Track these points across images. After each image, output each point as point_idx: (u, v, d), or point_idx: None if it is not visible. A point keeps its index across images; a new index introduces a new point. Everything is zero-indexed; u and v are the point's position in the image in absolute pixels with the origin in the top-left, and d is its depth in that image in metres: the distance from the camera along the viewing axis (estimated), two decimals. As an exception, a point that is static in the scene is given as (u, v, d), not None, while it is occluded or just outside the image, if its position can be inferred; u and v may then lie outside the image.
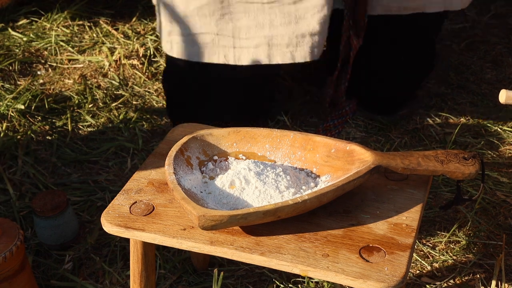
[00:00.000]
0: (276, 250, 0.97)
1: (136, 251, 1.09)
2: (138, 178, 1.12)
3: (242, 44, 1.55)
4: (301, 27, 1.53)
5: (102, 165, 1.70)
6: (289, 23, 1.53)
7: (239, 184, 1.05)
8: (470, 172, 1.07)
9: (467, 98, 1.97)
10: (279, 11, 1.51)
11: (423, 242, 1.47)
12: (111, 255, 1.44)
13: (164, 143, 1.21)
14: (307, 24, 1.53)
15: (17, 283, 1.23)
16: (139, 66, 2.11)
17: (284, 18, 1.52)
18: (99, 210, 1.56)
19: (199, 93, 1.66)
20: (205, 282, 1.38)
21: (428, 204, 1.57)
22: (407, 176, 1.12)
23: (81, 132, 1.81)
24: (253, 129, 1.15)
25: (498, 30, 2.34)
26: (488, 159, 1.71)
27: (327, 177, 1.09)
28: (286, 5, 1.51)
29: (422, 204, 1.06)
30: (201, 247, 0.99)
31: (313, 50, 1.58)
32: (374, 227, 1.01)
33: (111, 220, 1.03)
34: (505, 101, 1.06)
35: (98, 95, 1.96)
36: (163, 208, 1.05)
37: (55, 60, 2.14)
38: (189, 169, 1.09)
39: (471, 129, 1.83)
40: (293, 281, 1.38)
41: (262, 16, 1.52)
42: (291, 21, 1.53)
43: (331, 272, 0.94)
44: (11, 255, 1.19)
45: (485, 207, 1.56)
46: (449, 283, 1.38)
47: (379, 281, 0.92)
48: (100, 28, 2.32)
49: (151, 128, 1.83)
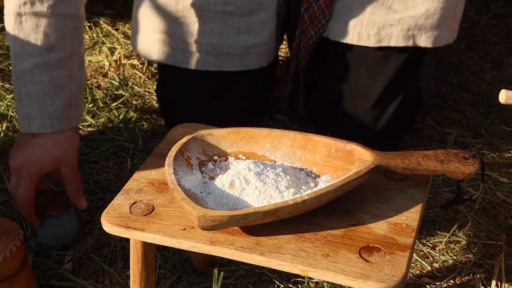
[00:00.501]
0: (276, 250, 0.97)
1: (136, 251, 1.09)
2: (138, 178, 1.12)
3: (192, 48, 1.57)
4: (249, 38, 1.55)
5: (102, 165, 1.70)
6: (238, 33, 1.54)
7: (239, 184, 1.05)
8: (470, 171, 1.07)
9: (467, 98, 1.97)
10: (230, 21, 1.53)
11: (423, 242, 1.47)
12: (111, 255, 1.44)
13: (164, 143, 1.21)
14: (255, 36, 1.55)
15: (17, 283, 1.23)
16: (139, 66, 2.11)
17: (234, 28, 1.53)
18: (99, 210, 1.56)
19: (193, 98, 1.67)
20: (205, 282, 1.38)
21: (428, 204, 1.57)
22: (407, 176, 1.12)
23: (81, 132, 1.81)
24: (253, 129, 1.15)
25: (498, 30, 2.34)
26: (488, 159, 1.71)
27: (327, 177, 1.09)
28: (238, 16, 1.52)
29: (422, 204, 1.06)
30: (201, 247, 0.99)
31: (261, 59, 1.61)
32: (374, 227, 1.01)
33: (111, 220, 1.03)
34: (505, 101, 1.06)
35: (98, 95, 1.96)
36: (163, 208, 1.05)
37: (55, 60, 2.14)
38: (189, 169, 1.09)
39: (471, 129, 1.83)
40: (293, 281, 1.38)
41: (213, 24, 1.54)
42: (241, 32, 1.54)
43: (331, 272, 0.94)
44: (11, 255, 1.19)
45: (485, 207, 1.56)
46: (449, 283, 1.38)
47: (379, 281, 0.92)
48: (100, 28, 2.32)
49: (151, 128, 1.83)
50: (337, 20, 1.54)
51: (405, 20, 1.50)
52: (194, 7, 1.54)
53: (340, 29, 1.54)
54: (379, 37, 1.52)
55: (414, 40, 1.53)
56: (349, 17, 1.53)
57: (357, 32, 1.52)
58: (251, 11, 1.54)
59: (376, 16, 1.50)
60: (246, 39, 1.57)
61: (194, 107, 1.66)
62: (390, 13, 1.50)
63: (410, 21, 1.50)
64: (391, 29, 1.50)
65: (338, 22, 1.54)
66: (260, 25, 1.56)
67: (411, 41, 1.53)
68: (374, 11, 1.50)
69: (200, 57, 1.58)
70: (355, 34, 1.53)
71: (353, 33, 1.53)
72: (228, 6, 1.53)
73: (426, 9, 1.49)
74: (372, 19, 1.50)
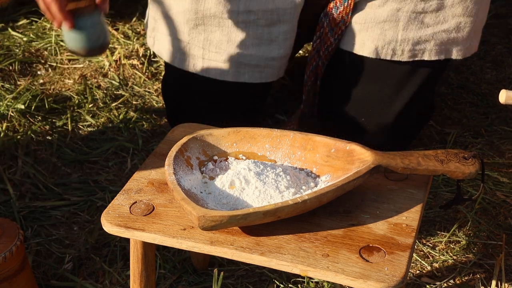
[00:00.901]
0: (276, 250, 0.97)
1: (136, 251, 1.09)
2: (138, 178, 1.12)
3: (211, 56, 1.55)
4: (272, 50, 1.53)
5: (102, 165, 1.70)
6: (260, 44, 1.53)
7: (239, 184, 1.05)
8: (470, 171, 1.07)
9: (467, 98, 1.97)
10: (252, 31, 1.52)
11: (423, 242, 1.47)
12: (111, 255, 1.44)
13: (164, 143, 1.21)
14: (278, 48, 1.53)
15: (17, 283, 1.23)
16: (139, 66, 2.11)
17: (256, 39, 1.52)
18: (99, 210, 1.56)
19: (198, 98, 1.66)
20: (205, 282, 1.38)
21: (428, 204, 1.57)
22: (407, 176, 1.12)
23: (81, 132, 1.81)
24: (253, 129, 1.15)
25: (498, 30, 2.34)
26: (488, 159, 1.71)
27: (327, 177, 1.09)
28: (260, 26, 1.51)
29: (422, 204, 1.06)
30: (201, 247, 0.99)
31: (279, 72, 1.59)
32: (374, 227, 1.01)
33: (111, 220, 1.03)
34: (505, 101, 1.06)
35: (98, 95, 1.96)
36: (163, 208, 1.05)
37: (55, 60, 2.14)
38: (189, 169, 1.09)
39: (471, 129, 1.83)
40: (293, 281, 1.38)
41: (235, 33, 1.52)
42: (263, 42, 1.53)
43: (331, 272, 0.94)
44: (11, 255, 1.19)
45: (485, 207, 1.56)
46: (449, 283, 1.38)
47: (379, 281, 0.92)
48: (100, 28, 2.32)
49: (151, 128, 1.83)
50: (366, 37, 1.51)
51: (439, 35, 1.49)
52: (214, 16, 1.52)
53: (368, 44, 1.51)
54: (413, 52, 1.51)
55: (447, 53, 1.52)
56: (380, 33, 1.50)
57: (392, 48, 1.50)
58: (273, 21, 1.52)
59: (409, 32, 1.49)
60: (268, 50, 1.55)
61: (199, 107, 1.66)
62: (423, 27, 1.49)
63: (443, 35, 1.50)
64: (425, 45, 1.50)
65: (368, 38, 1.51)
66: (282, 37, 1.54)
67: (443, 55, 1.52)
68: (407, 27, 1.49)
69: (220, 67, 1.57)
70: (389, 50, 1.51)
71: (387, 48, 1.51)
72: (251, 15, 1.51)
73: (456, 22, 1.49)
74: (405, 35, 1.49)
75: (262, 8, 1.49)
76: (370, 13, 1.50)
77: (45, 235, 1.49)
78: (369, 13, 1.50)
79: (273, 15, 1.51)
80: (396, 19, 1.48)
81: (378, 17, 1.49)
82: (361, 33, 1.51)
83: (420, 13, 1.47)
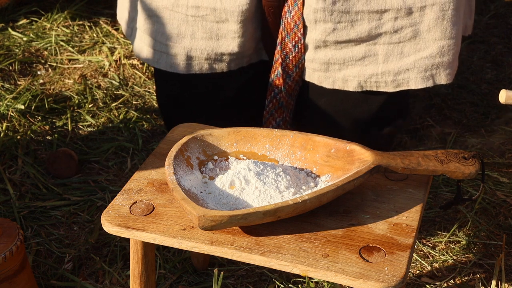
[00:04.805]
0: (276, 250, 0.97)
1: (136, 251, 1.09)
2: (138, 178, 1.12)
3: (161, 48, 1.56)
4: (221, 45, 1.53)
5: (102, 165, 1.70)
6: (210, 38, 1.53)
7: (239, 184, 1.05)
8: (470, 171, 1.07)
9: (467, 98, 1.97)
10: (201, 25, 1.52)
11: (423, 242, 1.47)
12: (111, 255, 1.44)
13: (164, 143, 1.21)
14: (227, 44, 1.53)
15: (17, 283, 1.23)
16: (139, 66, 2.11)
17: (205, 33, 1.52)
18: (99, 210, 1.56)
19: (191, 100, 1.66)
20: (205, 282, 1.38)
21: (428, 204, 1.57)
22: (407, 176, 1.12)
23: (81, 132, 1.81)
24: (253, 129, 1.15)
25: (498, 30, 2.34)
26: (488, 159, 1.71)
27: (327, 177, 1.09)
28: (209, 22, 1.51)
29: (422, 204, 1.06)
30: (201, 247, 0.99)
31: (231, 65, 1.58)
32: (374, 227, 1.01)
33: (111, 220, 1.03)
34: (505, 101, 1.06)
35: (98, 95, 1.96)
36: (163, 208, 1.05)
37: (55, 60, 2.14)
38: (189, 169, 1.09)
39: (471, 129, 1.83)
40: (293, 281, 1.38)
41: (184, 27, 1.53)
42: (212, 37, 1.53)
43: (331, 272, 0.94)
44: (11, 255, 1.19)
45: (485, 207, 1.56)
46: (449, 283, 1.38)
47: (379, 281, 0.92)
48: (100, 28, 2.32)
49: (151, 128, 1.83)
50: (347, 74, 1.49)
51: (421, 62, 1.46)
52: (166, 8, 1.53)
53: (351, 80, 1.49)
54: (397, 82, 1.49)
55: (434, 79, 1.49)
56: (359, 69, 1.48)
57: (374, 81, 1.49)
58: (221, 19, 1.52)
59: (389, 64, 1.47)
60: (217, 45, 1.54)
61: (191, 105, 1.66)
62: (403, 57, 1.48)
63: (426, 62, 1.46)
64: (408, 74, 1.48)
65: (350, 75, 1.49)
66: (232, 35, 1.52)
67: (431, 81, 1.49)
68: (387, 59, 1.47)
69: (170, 59, 1.57)
70: (372, 83, 1.50)
71: (370, 81, 1.50)
72: (200, 11, 1.52)
73: (439, 46, 1.45)
74: (386, 68, 1.47)
75: (210, 6, 1.50)
76: (348, 52, 1.48)
77: (45, 235, 1.49)
78: (347, 53, 1.48)
79: (222, 14, 1.51)
80: (374, 53, 1.47)
81: (356, 55, 1.47)
82: (341, 71, 1.50)
83: (397, 43, 1.46)
